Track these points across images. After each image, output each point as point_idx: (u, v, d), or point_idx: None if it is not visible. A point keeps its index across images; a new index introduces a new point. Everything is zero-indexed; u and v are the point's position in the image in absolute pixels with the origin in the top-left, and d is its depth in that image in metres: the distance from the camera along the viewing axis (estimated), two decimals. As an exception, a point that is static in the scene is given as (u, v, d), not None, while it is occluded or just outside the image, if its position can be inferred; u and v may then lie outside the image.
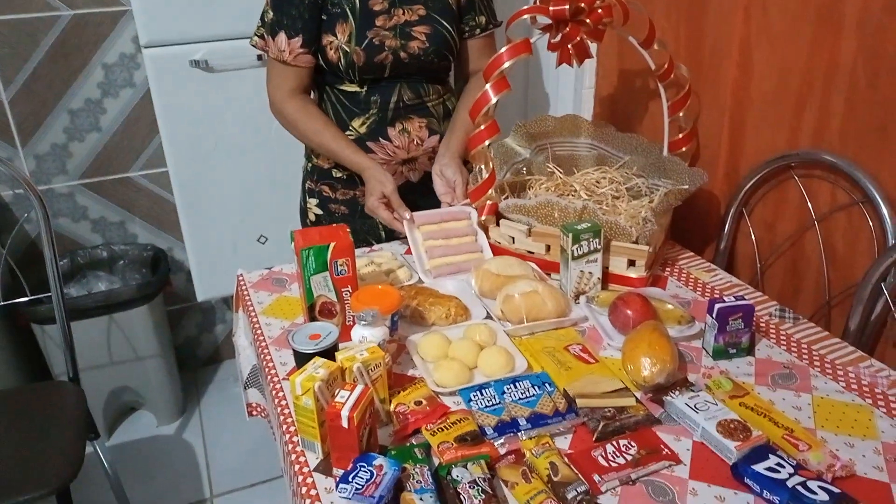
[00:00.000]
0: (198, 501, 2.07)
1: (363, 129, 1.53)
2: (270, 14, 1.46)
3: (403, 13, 1.47)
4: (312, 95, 1.61)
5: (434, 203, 1.54)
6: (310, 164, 1.66)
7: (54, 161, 2.20)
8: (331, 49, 1.46)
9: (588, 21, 1.32)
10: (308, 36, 1.45)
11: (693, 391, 1.03)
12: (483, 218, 1.46)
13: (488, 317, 1.27)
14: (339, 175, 1.61)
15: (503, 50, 1.27)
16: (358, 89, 1.51)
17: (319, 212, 1.66)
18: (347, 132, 1.54)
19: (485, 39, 1.60)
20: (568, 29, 1.34)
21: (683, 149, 1.57)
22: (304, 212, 1.71)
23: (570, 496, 0.86)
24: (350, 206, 1.64)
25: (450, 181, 1.51)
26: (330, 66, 1.49)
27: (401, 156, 1.55)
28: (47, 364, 2.17)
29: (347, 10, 1.44)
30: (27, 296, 1.78)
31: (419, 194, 1.56)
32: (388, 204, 1.46)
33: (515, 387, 1.06)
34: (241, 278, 1.48)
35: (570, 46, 1.37)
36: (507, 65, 1.27)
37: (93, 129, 2.20)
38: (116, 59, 2.15)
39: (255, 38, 1.51)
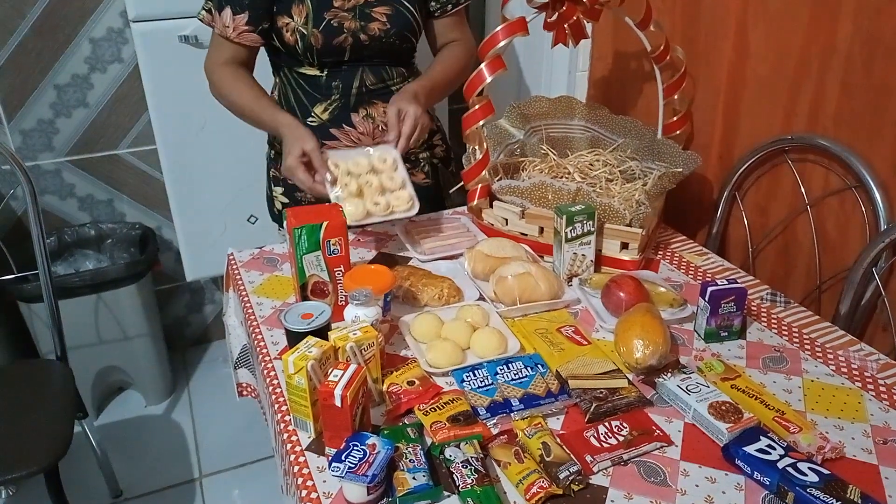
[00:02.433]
0: (187, 481, 2.07)
1: (326, 116, 1.47)
2: None
3: None
4: (274, 81, 1.55)
5: None
6: (272, 152, 1.59)
7: (41, 137, 2.16)
8: (287, 31, 1.39)
9: (585, 0, 1.31)
10: (255, 13, 1.38)
11: (685, 373, 1.04)
12: (475, 202, 1.46)
13: (481, 298, 1.27)
14: None
15: (498, 29, 1.26)
16: (318, 73, 1.45)
17: (286, 200, 1.59)
18: (310, 119, 1.48)
19: (453, 17, 1.52)
20: (564, 8, 1.32)
21: (678, 132, 1.57)
22: (270, 200, 1.64)
23: (562, 476, 0.86)
24: None
25: (401, 112, 1.34)
26: (287, 49, 1.43)
27: (366, 143, 1.48)
28: (34, 342, 2.15)
29: None
30: (13, 273, 1.76)
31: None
32: (309, 164, 1.29)
33: (508, 368, 1.06)
34: (231, 258, 1.46)
35: (566, 26, 1.36)
36: (502, 44, 1.26)
37: (80, 104, 2.17)
38: (104, 34, 2.11)
39: (203, 13, 1.43)
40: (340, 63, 1.45)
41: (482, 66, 1.28)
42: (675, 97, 1.54)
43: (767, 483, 0.86)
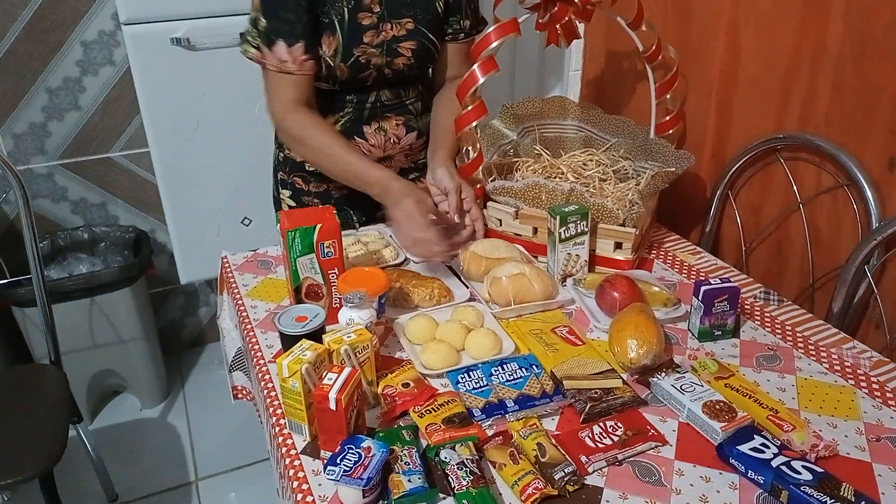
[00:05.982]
0: (182, 485, 2.06)
1: (337, 127, 1.46)
2: (264, 21, 1.31)
3: (392, 27, 1.38)
4: None
5: None
6: (281, 154, 1.58)
7: (33, 141, 2.15)
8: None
9: (576, 1, 1.31)
10: (309, 39, 1.32)
11: (679, 373, 1.04)
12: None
13: (474, 299, 1.27)
14: (311, 168, 1.52)
15: (491, 29, 1.26)
16: (333, 89, 1.44)
17: (293, 203, 1.59)
18: None
19: (467, 45, 1.51)
20: (556, 9, 1.33)
21: (670, 131, 1.57)
22: (277, 202, 1.64)
23: (557, 477, 0.86)
24: (323, 198, 1.57)
25: (441, 189, 1.37)
26: None
27: (376, 154, 1.49)
28: (28, 347, 2.14)
29: (336, 21, 1.34)
30: (6, 278, 1.76)
31: None
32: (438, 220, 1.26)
33: (503, 369, 1.06)
34: (225, 260, 1.46)
35: (558, 27, 1.36)
36: (494, 45, 1.26)
37: (72, 107, 2.16)
38: (95, 37, 2.10)
39: (251, 50, 1.34)
40: (360, 88, 1.44)
41: (475, 67, 1.28)
42: (668, 96, 1.55)
43: (762, 482, 0.87)
